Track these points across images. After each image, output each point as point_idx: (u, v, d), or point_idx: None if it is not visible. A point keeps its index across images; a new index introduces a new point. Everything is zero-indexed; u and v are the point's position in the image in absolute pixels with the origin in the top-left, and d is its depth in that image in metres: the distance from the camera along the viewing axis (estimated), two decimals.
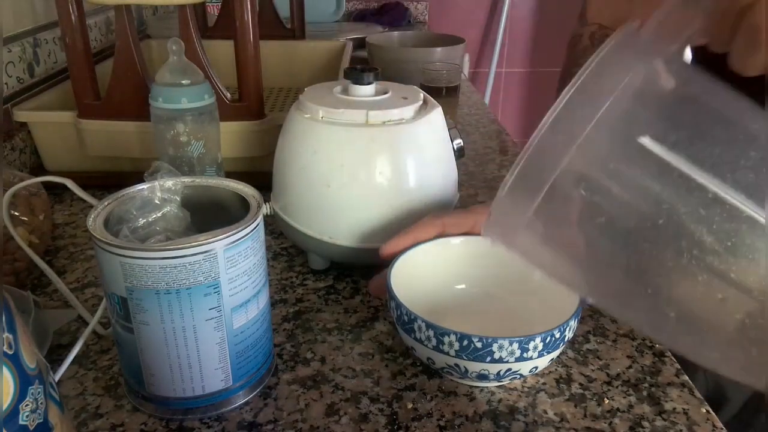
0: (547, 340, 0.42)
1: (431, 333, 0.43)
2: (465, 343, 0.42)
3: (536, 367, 0.44)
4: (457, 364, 0.43)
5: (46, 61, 0.91)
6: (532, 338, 0.42)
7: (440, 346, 0.43)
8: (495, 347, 0.42)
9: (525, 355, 0.42)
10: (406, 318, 0.44)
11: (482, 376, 0.44)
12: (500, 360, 0.42)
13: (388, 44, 1.21)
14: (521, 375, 0.44)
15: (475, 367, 0.43)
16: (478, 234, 0.52)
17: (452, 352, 0.43)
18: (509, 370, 0.43)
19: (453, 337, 0.42)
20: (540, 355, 0.43)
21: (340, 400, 0.45)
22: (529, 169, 0.31)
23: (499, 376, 0.44)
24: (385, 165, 0.55)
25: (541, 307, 0.50)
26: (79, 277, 0.60)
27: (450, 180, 0.60)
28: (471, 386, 0.47)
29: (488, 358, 0.42)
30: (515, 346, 0.42)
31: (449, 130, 0.60)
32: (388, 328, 0.53)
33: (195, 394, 0.43)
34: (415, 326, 0.44)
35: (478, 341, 0.41)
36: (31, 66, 0.86)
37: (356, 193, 0.55)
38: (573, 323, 0.44)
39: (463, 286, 0.55)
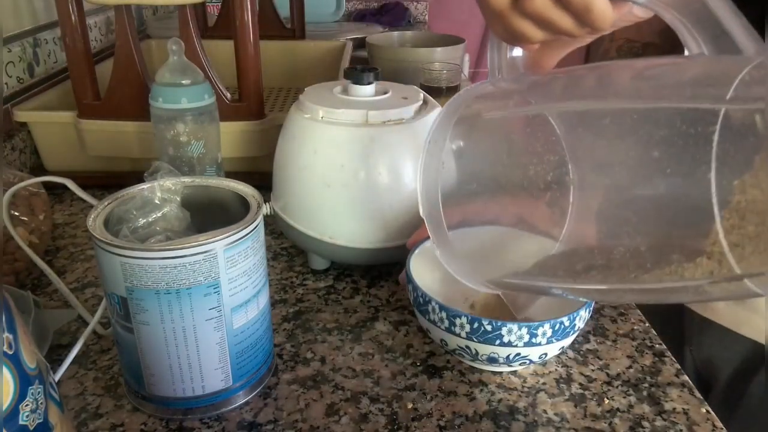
0: (556, 327, 0.43)
1: (444, 315, 0.44)
2: (475, 325, 0.43)
3: (546, 354, 0.45)
4: (468, 346, 0.45)
5: (46, 61, 0.91)
6: (540, 324, 0.43)
7: (452, 328, 0.44)
8: (504, 330, 0.43)
9: (534, 340, 0.43)
10: (421, 300, 0.46)
11: (492, 359, 0.45)
12: (509, 344, 0.43)
13: (388, 44, 1.21)
14: (531, 360, 0.45)
15: (485, 349, 0.44)
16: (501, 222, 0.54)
17: (463, 334, 0.44)
18: (518, 354, 0.44)
19: (464, 319, 0.43)
20: (549, 341, 0.44)
21: (340, 400, 0.45)
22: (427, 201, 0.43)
23: (508, 360, 0.45)
24: (385, 165, 0.55)
25: (559, 301, 0.51)
26: (79, 277, 0.60)
27: None
28: (471, 386, 0.47)
29: (497, 342, 0.43)
30: (524, 330, 0.43)
31: None
32: (388, 328, 0.53)
33: (195, 394, 0.43)
34: (429, 308, 0.45)
35: (488, 324, 0.43)
36: (31, 66, 0.86)
37: (356, 193, 0.55)
38: (583, 313, 0.45)
39: None
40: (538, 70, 0.42)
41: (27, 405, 0.26)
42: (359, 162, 0.54)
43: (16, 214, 0.58)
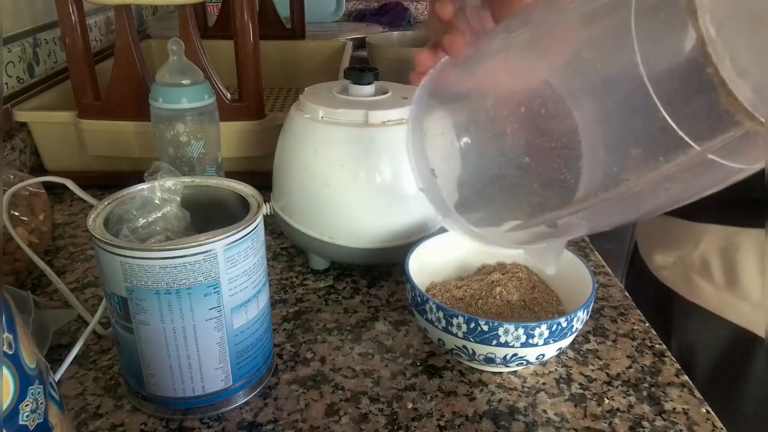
0: (553, 328, 0.43)
1: (441, 314, 0.44)
2: (472, 325, 0.43)
3: (543, 355, 0.45)
4: (465, 346, 0.45)
5: (46, 61, 0.91)
6: (537, 325, 0.43)
7: (449, 328, 0.44)
8: (501, 331, 0.43)
9: (530, 341, 0.43)
10: (419, 299, 0.46)
11: (489, 360, 0.45)
12: (506, 344, 0.43)
13: (388, 44, 1.21)
14: (528, 361, 0.45)
15: (482, 350, 0.44)
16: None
17: (460, 334, 0.44)
18: (515, 355, 0.44)
19: (461, 319, 0.43)
20: (546, 342, 0.43)
21: (340, 400, 0.45)
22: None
23: (505, 361, 0.45)
24: (385, 165, 0.55)
25: (560, 299, 0.51)
26: (79, 277, 0.60)
27: None
28: (471, 386, 0.47)
29: (494, 342, 0.43)
30: (521, 331, 0.43)
31: None
32: (388, 328, 0.53)
33: (195, 394, 0.43)
34: (427, 307, 0.45)
35: (484, 324, 0.43)
36: (31, 66, 0.86)
37: (356, 193, 0.55)
38: (581, 314, 0.45)
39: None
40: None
41: (27, 405, 0.26)
42: (359, 162, 0.54)
43: (16, 214, 0.58)
